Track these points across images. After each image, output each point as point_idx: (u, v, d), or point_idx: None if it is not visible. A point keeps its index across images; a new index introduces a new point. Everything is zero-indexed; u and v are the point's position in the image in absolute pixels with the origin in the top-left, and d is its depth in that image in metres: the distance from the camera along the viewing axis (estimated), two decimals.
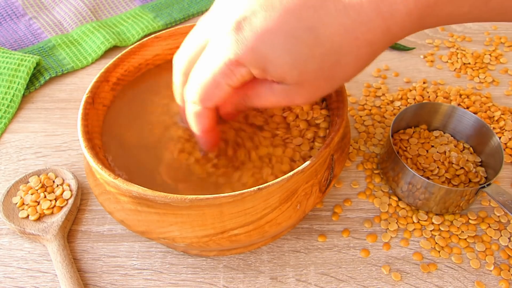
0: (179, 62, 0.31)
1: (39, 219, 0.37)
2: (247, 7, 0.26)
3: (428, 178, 0.39)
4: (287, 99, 0.29)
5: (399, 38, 0.27)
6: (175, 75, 0.31)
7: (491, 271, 0.35)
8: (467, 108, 0.47)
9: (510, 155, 0.44)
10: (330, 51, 0.26)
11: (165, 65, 0.41)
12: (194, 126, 0.30)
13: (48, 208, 0.38)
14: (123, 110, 0.37)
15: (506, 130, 0.45)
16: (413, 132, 0.43)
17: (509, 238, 0.37)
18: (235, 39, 0.26)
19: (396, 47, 0.55)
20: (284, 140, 0.35)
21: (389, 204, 0.40)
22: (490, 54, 0.54)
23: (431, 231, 0.38)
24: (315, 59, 0.26)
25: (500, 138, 0.44)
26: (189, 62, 0.30)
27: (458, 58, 0.54)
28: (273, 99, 0.29)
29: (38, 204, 0.38)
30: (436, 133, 0.43)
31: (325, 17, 0.25)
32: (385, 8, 0.24)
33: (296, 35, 0.25)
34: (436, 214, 0.39)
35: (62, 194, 0.39)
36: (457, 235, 0.37)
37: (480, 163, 0.41)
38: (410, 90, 0.49)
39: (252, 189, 0.27)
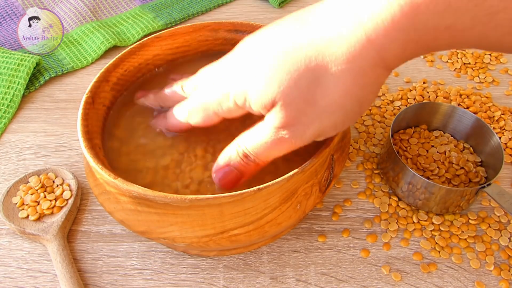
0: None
1: (39, 219, 0.37)
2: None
3: (428, 178, 0.39)
4: (279, 138, 0.27)
5: (387, 50, 0.23)
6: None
7: (491, 271, 0.35)
8: (467, 108, 0.47)
9: (510, 155, 0.44)
10: (306, 69, 0.25)
11: (165, 66, 0.41)
12: (171, 122, 0.33)
13: (48, 208, 0.38)
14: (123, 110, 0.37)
15: (506, 130, 0.45)
16: (413, 132, 0.43)
17: (509, 238, 0.37)
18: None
19: None
20: None
21: (389, 204, 0.40)
22: (490, 54, 0.54)
23: (431, 231, 0.38)
24: (289, 75, 0.25)
25: (500, 138, 0.44)
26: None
27: (458, 58, 0.54)
28: (269, 142, 0.28)
29: (38, 204, 0.38)
30: (436, 133, 0.43)
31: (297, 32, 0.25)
32: (365, 16, 0.22)
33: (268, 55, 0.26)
34: (436, 214, 0.39)
35: (62, 194, 0.39)
36: (457, 235, 0.37)
37: (480, 163, 0.41)
38: (410, 90, 0.49)
39: (252, 189, 0.27)
